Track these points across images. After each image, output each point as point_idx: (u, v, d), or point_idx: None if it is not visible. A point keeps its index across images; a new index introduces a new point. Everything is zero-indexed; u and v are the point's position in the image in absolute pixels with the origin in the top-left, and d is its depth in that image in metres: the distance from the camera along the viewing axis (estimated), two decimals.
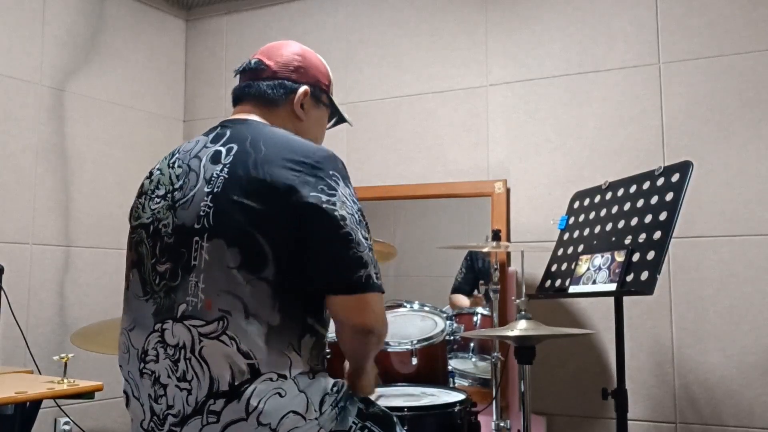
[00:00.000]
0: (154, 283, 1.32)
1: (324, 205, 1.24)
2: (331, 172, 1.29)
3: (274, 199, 1.24)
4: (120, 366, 1.40)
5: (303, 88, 1.48)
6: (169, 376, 1.25)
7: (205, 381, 1.21)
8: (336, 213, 1.25)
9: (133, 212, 1.45)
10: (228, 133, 1.38)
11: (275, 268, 1.23)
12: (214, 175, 1.30)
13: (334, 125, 1.66)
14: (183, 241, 1.29)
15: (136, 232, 1.41)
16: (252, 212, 1.24)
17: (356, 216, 1.29)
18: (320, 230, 1.24)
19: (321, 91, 1.54)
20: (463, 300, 2.81)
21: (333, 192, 1.27)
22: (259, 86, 1.48)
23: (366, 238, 1.28)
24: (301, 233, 1.25)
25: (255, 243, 1.23)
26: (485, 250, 2.51)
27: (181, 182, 1.35)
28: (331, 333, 1.36)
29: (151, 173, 1.45)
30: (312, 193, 1.25)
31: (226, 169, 1.29)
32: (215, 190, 1.28)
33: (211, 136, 1.40)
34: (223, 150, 1.34)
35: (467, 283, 2.82)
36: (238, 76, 1.53)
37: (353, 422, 1.31)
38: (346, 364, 1.50)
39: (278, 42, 1.56)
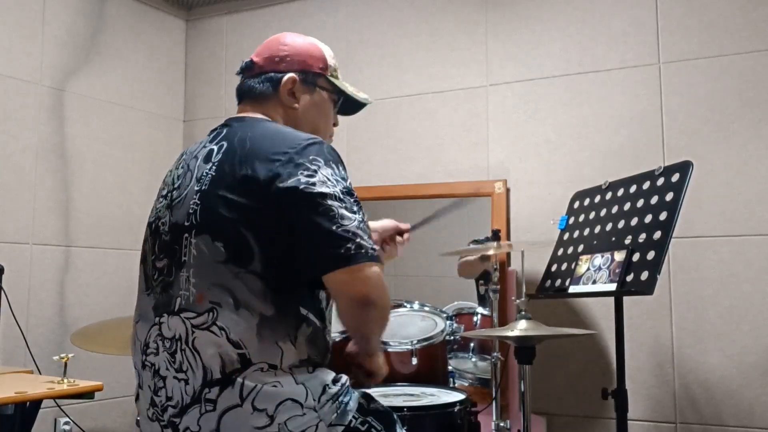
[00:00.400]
0: (153, 279, 1.37)
1: (302, 186, 1.25)
2: (312, 157, 1.29)
3: (256, 191, 1.26)
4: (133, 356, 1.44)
5: (288, 76, 1.49)
6: (167, 369, 1.28)
7: (199, 370, 1.24)
8: (314, 191, 1.25)
9: None
10: (224, 131, 1.42)
11: (263, 261, 1.25)
12: (204, 173, 1.34)
13: (351, 110, 1.64)
14: (176, 238, 1.33)
15: (145, 231, 1.46)
16: (236, 206, 1.27)
17: (339, 193, 1.28)
18: (302, 212, 1.25)
19: (315, 75, 1.53)
20: (470, 256, 2.77)
21: (312, 174, 1.27)
22: (249, 83, 1.52)
23: (354, 212, 1.27)
24: (286, 221, 1.25)
25: (240, 237, 1.26)
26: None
27: (179, 182, 1.40)
28: (334, 333, 1.36)
29: (166, 175, 1.50)
30: (291, 179, 1.25)
31: (214, 167, 1.34)
32: (203, 187, 1.32)
33: (211, 136, 1.45)
34: (215, 148, 1.38)
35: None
36: (241, 77, 1.56)
37: (353, 417, 1.31)
38: (350, 346, 1.46)
39: (272, 37, 1.57)
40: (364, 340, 1.37)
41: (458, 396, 2.11)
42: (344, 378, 1.34)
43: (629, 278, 1.87)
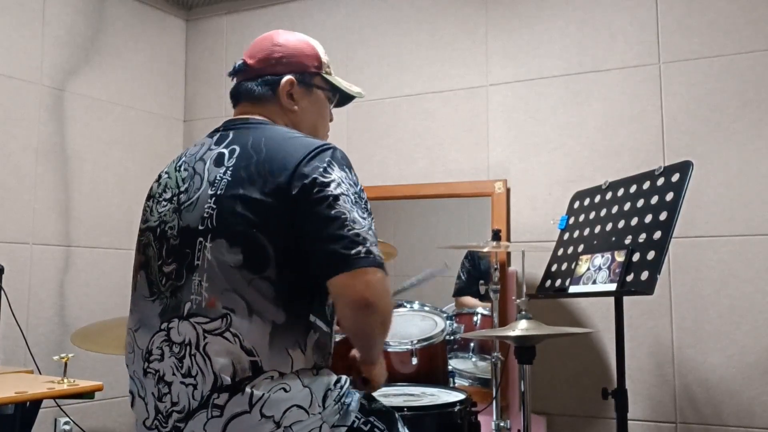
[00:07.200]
0: (161, 284, 1.35)
1: (316, 188, 1.26)
2: (327, 159, 1.30)
3: (276, 192, 1.26)
4: (126, 365, 1.42)
5: (286, 79, 1.48)
6: (174, 374, 1.27)
7: (210, 376, 1.23)
8: (329, 192, 1.26)
9: (142, 215, 1.47)
10: (231, 134, 1.41)
11: (277, 266, 1.25)
12: (218, 177, 1.33)
13: (343, 102, 1.64)
14: (187, 242, 1.32)
15: (144, 234, 1.43)
16: (255, 206, 1.27)
17: (351, 197, 1.29)
18: (314, 212, 1.25)
19: (311, 75, 1.52)
20: (473, 301, 2.79)
21: (327, 175, 1.28)
22: (247, 86, 1.50)
23: (364, 218, 1.28)
24: (299, 222, 1.26)
25: (257, 243, 1.25)
26: (485, 250, 2.51)
27: (186, 185, 1.38)
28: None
29: (159, 176, 1.48)
30: (307, 180, 1.26)
31: (229, 172, 1.32)
32: (218, 192, 1.31)
33: (215, 138, 1.43)
34: (226, 152, 1.36)
35: (473, 284, 2.79)
36: (234, 79, 1.55)
37: (356, 417, 1.32)
38: (354, 352, 1.48)
39: (261, 36, 1.56)
40: (366, 346, 1.36)
41: (458, 396, 2.11)
42: (345, 379, 1.34)
43: (629, 278, 1.87)
